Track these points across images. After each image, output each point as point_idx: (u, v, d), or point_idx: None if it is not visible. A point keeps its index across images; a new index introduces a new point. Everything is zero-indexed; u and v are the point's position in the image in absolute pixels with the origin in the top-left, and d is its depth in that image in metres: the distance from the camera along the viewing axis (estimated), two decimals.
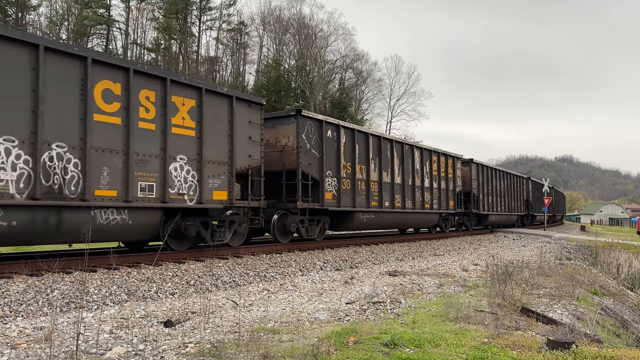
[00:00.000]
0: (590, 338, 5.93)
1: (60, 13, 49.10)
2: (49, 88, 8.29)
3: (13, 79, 7.87)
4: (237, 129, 11.71)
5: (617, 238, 29.37)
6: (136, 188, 9.52)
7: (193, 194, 10.66)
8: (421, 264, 13.67)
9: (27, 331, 5.57)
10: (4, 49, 7.79)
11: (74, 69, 8.64)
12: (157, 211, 10.05)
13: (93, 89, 8.88)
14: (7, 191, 7.72)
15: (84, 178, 8.70)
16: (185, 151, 10.50)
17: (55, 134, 8.33)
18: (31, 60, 8.07)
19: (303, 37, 54.84)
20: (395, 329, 5.74)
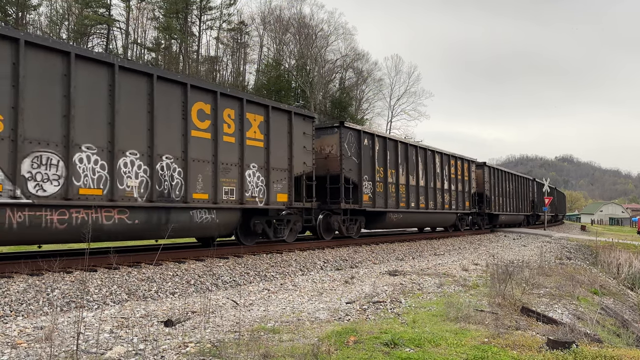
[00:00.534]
0: (590, 338, 5.93)
1: (61, 13, 49.16)
2: (160, 110, 9.97)
3: (138, 104, 9.64)
4: (294, 139, 13.41)
5: (617, 238, 29.37)
6: (222, 192, 11.25)
7: (262, 196, 12.38)
8: (421, 263, 13.68)
9: (27, 331, 5.58)
10: (127, 79, 9.43)
11: (177, 94, 10.35)
12: (237, 211, 11.80)
13: (191, 110, 10.61)
14: (132, 195, 9.42)
15: (186, 184, 10.43)
16: (256, 160, 12.22)
17: (165, 147, 10.04)
18: (148, 88, 9.79)
19: (303, 36, 54.85)
20: (396, 329, 5.74)
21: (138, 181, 9.52)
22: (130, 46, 50.17)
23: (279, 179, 12.84)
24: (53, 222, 8.31)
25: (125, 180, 9.32)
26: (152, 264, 9.67)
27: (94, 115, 8.90)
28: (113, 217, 9.15)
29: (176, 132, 10.28)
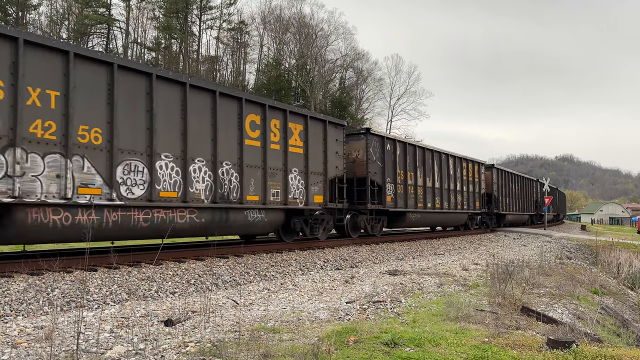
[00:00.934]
0: (590, 337, 5.93)
1: (61, 12, 49.15)
2: (221, 122, 11.32)
3: (204, 117, 11.04)
4: (328, 146, 14.77)
5: (617, 237, 29.37)
6: (269, 194, 12.57)
7: (302, 198, 13.67)
8: (421, 263, 13.68)
9: (27, 330, 5.58)
10: (195, 96, 10.79)
11: (234, 107, 11.77)
12: (281, 211, 13.17)
13: (245, 121, 11.97)
14: (200, 197, 10.75)
15: (241, 187, 11.77)
16: (297, 165, 13.57)
17: (225, 155, 11.41)
18: (212, 103, 11.20)
19: (303, 36, 54.83)
20: (396, 328, 5.74)
21: (204, 185, 10.91)
22: (130, 46, 50.17)
23: (315, 182, 14.25)
24: (139, 221, 9.60)
25: (194, 184, 10.69)
26: (152, 264, 9.67)
27: (170, 127, 10.22)
28: (185, 217, 10.52)
29: (233, 141, 11.69)
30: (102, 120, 8.99)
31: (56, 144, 8.35)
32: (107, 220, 9.06)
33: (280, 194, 12.88)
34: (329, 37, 56.82)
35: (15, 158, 7.81)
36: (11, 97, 7.83)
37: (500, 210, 29.40)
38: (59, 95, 8.43)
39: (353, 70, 59.80)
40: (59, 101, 8.44)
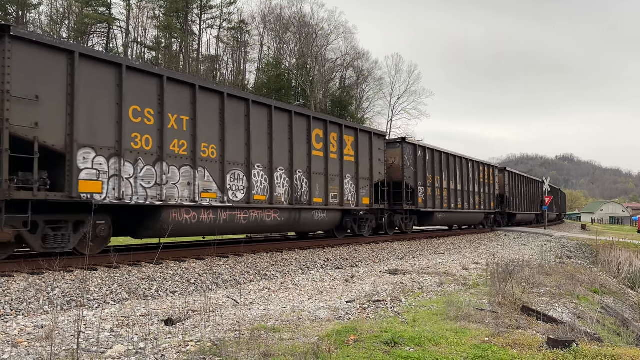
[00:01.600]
0: (590, 337, 5.93)
1: (61, 12, 49.13)
2: (295, 137, 13.69)
3: (284, 133, 13.28)
4: (373, 154, 16.99)
5: (617, 237, 29.36)
6: (330, 197, 14.75)
7: (354, 200, 15.84)
8: (422, 262, 13.67)
9: (28, 329, 5.58)
10: (278, 116, 13.06)
11: (304, 124, 14.11)
12: (338, 212, 15.40)
13: (312, 135, 14.18)
14: (281, 200, 13.01)
15: (310, 191, 13.98)
16: (350, 171, 15.79)
17: (298, 164, 13.68)
18: (289, 120, 13.51)
19: (304, 35, 54.80)
20: (396, 328, 5.74)
21: (284, 190, 13.10)
22: (131, 45, 50.16)
23: (364, 185, 16.37)
24: (240, 219, 11.86)
25: (277, 189, 12.88)
26: (153, 263, 9.67)
27: (260, 142, 12.48)
28: (271, 216, 12.79)
29: (304, 152, 13.94)
30: (216, 138, 11.29)
31: (187, 158, 10.60)
32: (219, 218, 11.26)
33: (337, 196, 15.15)
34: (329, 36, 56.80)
35: (162, 170, 10.02)
36: (158, 122, 10.02)
37: (511, 210, 31.82)
38: (189, 119, 10.71)
39: (353, 70, 59.76)
40: (189, 124, 10.70)
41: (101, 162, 9.02)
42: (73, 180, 8.57)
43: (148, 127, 9.84)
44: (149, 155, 9.84)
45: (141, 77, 9.79)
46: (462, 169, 23.86)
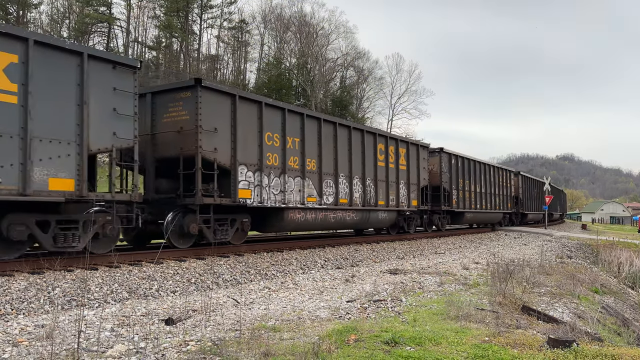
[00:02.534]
0: (591, 336, 5.93)
1: (62, 11, 49.16)
2: (367, 152, 16.61)
3: (358, 148, 16.21)
4: (420, 163, 20.03)
5: (618, 236, 29.36)
6: (389, 199, 17.77)
7: (406, 202, 18.83)
8: (422, 262, 13.67)
9: (28, 329, 5.58)
10: (356, 134, 16.18)
11: (372, 139, 17.09)
12: (395, 212, 18.45)
13: (377, 149, 17.22)
14: (357, 203, 15.91)
15: (376, 195, 16.99)
16: (403, 178, 18.79)
17: (368, 173, 16.64)
18: (361, 138, 16.51)
19: (304, 35, 54.83)
20: (396, 327, 5.74)
21: (359, 194, 16.09)
22: (131, 45, 50.19)
23: (413, 190, 19.42)
24: (330, 218, 14.93)
25: (354, 194, 15.78)
26: (153, 263, 9.68)
27: (343, 156, 15.48)
28: (350, 215, 15.76)
29: (371, 163, 16.90)
30: (315, 154, 14.29)
31: (298, 171, 13.63)
32: (318, 217, 14.36)
33: (394, 199, 18.10)
34: (330, 36, 56.89)
35: (284, 180, 13.05)
36: (282, 143, 13.09)
37: (524, 210, 34.72)
38: (299, 140, 13.75)
39: (354, 69, 59.82)
40: (299, 144, 13.74)
41: (250, 176, 12.13)
42: (236, 189, 11.62)
43: (276, 148, 12.98)
44: (277, 169, 12.97)
45: (272, 110, 12.86)
46: (485, 174, 27.11)
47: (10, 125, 7.87)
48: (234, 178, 11.55)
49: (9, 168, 7.81)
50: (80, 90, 8.74)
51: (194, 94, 10.94)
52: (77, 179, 8.64)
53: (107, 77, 9.20)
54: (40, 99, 8.24)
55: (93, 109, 8.94)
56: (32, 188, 8.02)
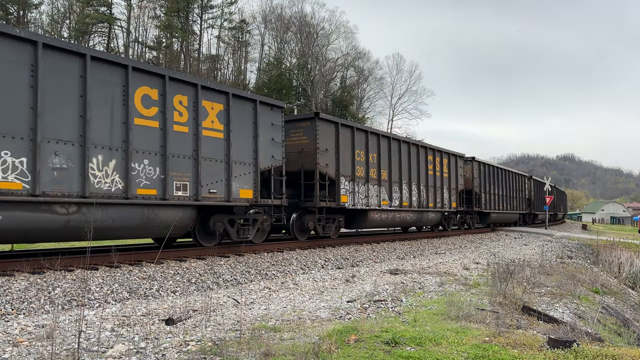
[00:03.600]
0: (591, 337, 5.93)
1: (62, 11, 49.18)
2: (421, 162, 20.02)
3: (414, 159, 19.60)
4: (458, 170, 23.60)
5: (618, 237, 29.34)
6: (436, 202, 21.28)
7: (448, 204, 22.43)
8: (422, 262, 13.67)
9: (28, 329, 5.59)
10: (412, 148, 19.78)
11: (425, 151, 20.52)
12: (440, 213, 22.01)
13: (428, 159, 20.63)
14: (414, 204, 19.38)
15: (427, 198, 20.43)
16: (446, 184, 22.28)
17: (422, 180, 20.00)
18: (417, 150, 20.03)
19: (304, 35, 54.83)
20: (397, 328, 5.74)
21: (415, 198, 19.56)
22: (132, 45, 50.20)
23: (453, 193, 22.87)
24: (396, 217, 18.56)
25: (412, 197, 19.27)
26: (154, 263, 9.68)
27: (404, 166, 18.85)
28: (410, 215, 19.36)
29: (424, 172, 20.30)
30: (387, 166, 17.79)
31: (376, 180, 17.03)
32: (388, 217, 18.03)
33: (440, 202, 21.49)
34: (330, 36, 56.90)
35: (367, 188, 16.53)
36: (366, 158, 16.55)
37: (535, 211, 37.98)
38: (376, 155, 17.18)
39: (354, 70, 59.82)
40: (376, 159, 17.18)
41: (347, 184, 15.53)
42: (339, 195, 15.07)
43: (361, 162, 16.31)
44: (362, 179, 16.30)
45: (360, 132, 16.46)
46: (505, 179, 31.00)
47: (221, 154, 11.36)
48: (337, 186, 15.06)
49: (220, 183, 11.29)
50: (255, 127, 12.30)
51: (313, 123, 14.58)
52: (254, 189, 12.19)
53: (268, 115, 12.76)
54: (235, 135, 11.68)
55: (261, 140, 12.43)
56: (232, 196, 11.53)
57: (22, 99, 8.00)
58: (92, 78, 8.89)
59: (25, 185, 8.00)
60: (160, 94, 10.09)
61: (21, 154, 7.96)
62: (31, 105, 8.07)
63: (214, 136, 11.24)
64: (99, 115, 8.96)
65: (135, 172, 9.48)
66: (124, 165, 9.30)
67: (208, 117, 11.18)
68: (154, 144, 9.89)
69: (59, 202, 8.39)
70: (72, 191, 8.56)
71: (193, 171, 10.59)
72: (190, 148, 10.65)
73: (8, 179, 7.80)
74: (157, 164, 9.91)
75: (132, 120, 9.45)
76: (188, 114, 10.67)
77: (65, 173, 8.49)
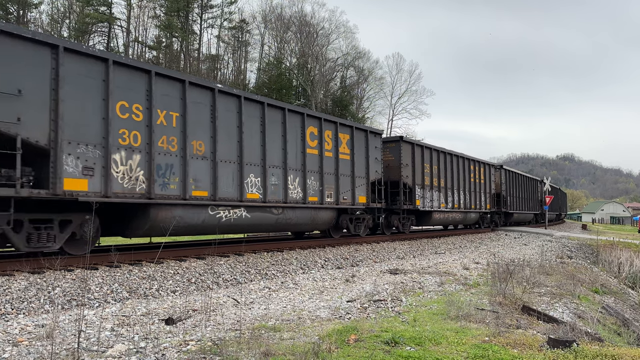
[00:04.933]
0: (591, 337, 5.93)
1: (62, 11, 49.14)
2: (464, 171, 24.07)
3: (461, 170, 23.71)
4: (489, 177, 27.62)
5: (618, 237, 29.34)
6: (476, 204, 25.21)
7: (484, 206, 26.51)
8: (422, 262, 13.67)
9: (28, 328, 5.58)
10: (460, 160, 24.09)
11: (468, 163, 24.56)
12: (478, 213, 26.05)
13: (468, 169, 24.52)
14: (459, 206, 23.24)
15: (470, 201, 24.49)
16: (482, 189, 26.17)
17: (462, 185, 23.77)
18: (463, 163, 24.12)
19: (304, 35, 54.80)
20: (396, 327, 5.74)
21: (462, 201, 23.42)
22: (132, 44, 50.17)
23: (486, 197, 27.12)
24: (449, 216, 22.69)
25: (457, 200, 22.93)
26: (153, 262, 9.68)
27: (455, 175, 22.93)
28: (457, 214, 23.34)
29: (466, 180, 24.21)
30: (443, 175, 21.59)
31: (437, 187, 20.92)
32: (444, 216, 22.05)
33: (479, 204, 25.69)
34: (330, 35, 56.81)
35: (432, 194, 20.47)
36: (430, 170, 20.29)
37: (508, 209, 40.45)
38: (437, 167, 20.92)
39: (354, 69, 59.77)
40: (436, 169, 20.95)
41: (419, 191, 19.57)
42: (415, 200, 19.20)
43: (427, 173, 20.03)
44: (428, 187, 20.13)
45: (427, 149, 20.58)
46: (523, 183, 35.24)
47: (348, 171, 15.52)
48: (413, 193, 19.12)
49: (349, 192, 15.45)
50: (367, 150, 16.46)
51: (398, 144, 18.77)
52: (367, 196, 16.26)
53: (374, 141, 16.95)
54: (356, 156, 15.92)
55: (370, 159, 16.56)
56: (356, 201, 15.72)
57: (258, 139, 12.24)
58: (290, 124, 13.24)
59: (260, 196, 12.22)
60: (318, 130, 14.35)
61: (258, 175, 12.19)
62: (261, 144, 12.29)
63: (345, 158, 15.42)
64: (292, 147, 13.24)
65: (308, 185, 13.70)
66: (303, 181, 13.56)
67: (342, 145, 15.33)
68: (316, 166, 14.11)
69: (274, 206, 12.55)
70: (279, 199, 12.78)
71: (335, 184, 14.81)
72: (333, 167, 14.84)
73: (253, 192, 12.01)
74: (318, 179, 14.15)
75: (306, 149, 13.73)
76: (332, 143, 14.96)
77: (276, 188, 12.76)
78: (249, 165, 11.85)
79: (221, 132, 11.19)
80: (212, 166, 10.93)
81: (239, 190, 11.55)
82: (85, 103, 8.70)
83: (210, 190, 10.78)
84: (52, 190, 8.18)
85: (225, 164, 11.23)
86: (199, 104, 10.79)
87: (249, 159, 11.86)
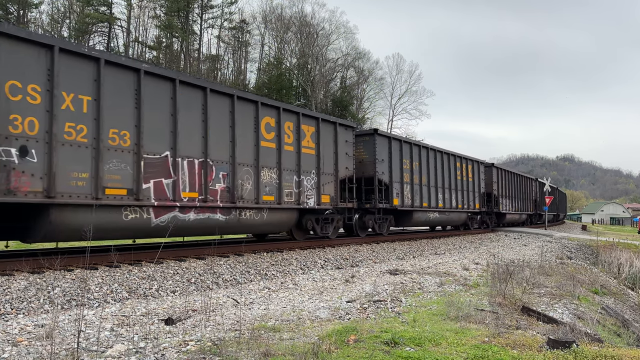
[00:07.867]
0: (591, 337, 5.93)
1: (62, 11, 49.17)
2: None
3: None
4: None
5: (618, 237, 29.34)
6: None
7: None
8: (422, 262, 13.67)
9: (28, 328, 5.58)
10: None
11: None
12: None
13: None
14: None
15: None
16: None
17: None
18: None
19: (304, 35, 54.83)
20: (396, 328, 5.74)
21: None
22: (132, 44, 50.20)
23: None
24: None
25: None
26: (153, 262, 9.67)
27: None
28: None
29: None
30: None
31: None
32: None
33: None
34: (330, 36, 56.86)
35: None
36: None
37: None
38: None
39: (354, 70, 59.80)
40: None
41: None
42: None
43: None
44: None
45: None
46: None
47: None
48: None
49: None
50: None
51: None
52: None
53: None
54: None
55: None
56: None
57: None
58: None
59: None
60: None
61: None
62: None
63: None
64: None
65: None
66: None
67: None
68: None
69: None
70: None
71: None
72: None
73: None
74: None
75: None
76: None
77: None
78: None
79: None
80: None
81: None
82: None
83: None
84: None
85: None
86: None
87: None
